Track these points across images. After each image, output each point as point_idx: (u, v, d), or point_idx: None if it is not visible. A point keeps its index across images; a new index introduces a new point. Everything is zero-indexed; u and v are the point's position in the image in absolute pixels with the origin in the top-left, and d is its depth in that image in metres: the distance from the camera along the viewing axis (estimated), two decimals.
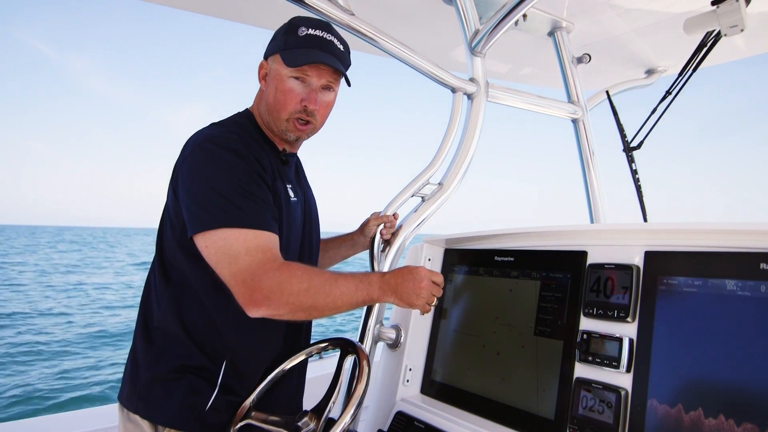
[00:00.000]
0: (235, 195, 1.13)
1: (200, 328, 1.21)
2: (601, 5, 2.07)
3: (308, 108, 1.29)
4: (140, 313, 1.29)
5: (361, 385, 1.12)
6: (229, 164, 1.16)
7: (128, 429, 1.21)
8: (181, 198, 1.18)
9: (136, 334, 1.28)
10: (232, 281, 1.10)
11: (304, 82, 1.28)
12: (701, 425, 0.96)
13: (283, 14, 1.44)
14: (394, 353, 1.63)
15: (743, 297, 0.97)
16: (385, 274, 1.26)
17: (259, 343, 1.26)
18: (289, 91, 1.27)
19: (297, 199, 1.36)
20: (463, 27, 1.87)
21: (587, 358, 1.17)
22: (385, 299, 1.24)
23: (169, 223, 1.25)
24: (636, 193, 2.45)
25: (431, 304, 1.29)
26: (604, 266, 1.21)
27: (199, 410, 1.17)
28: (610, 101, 2.56)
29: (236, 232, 1.10)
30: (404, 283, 1.24)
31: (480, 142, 1.82)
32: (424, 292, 1.25)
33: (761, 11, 2.02)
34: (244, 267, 1.09)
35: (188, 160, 1.19)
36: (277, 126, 1.31)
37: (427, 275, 1.27)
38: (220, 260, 1.11)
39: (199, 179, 1.15)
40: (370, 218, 1.67)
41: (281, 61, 1.27)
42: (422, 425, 1.40)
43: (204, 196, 1.13)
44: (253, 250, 1.10)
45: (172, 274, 1.24)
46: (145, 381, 1.20)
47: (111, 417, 2.07)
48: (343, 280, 1.18)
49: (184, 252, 1.21)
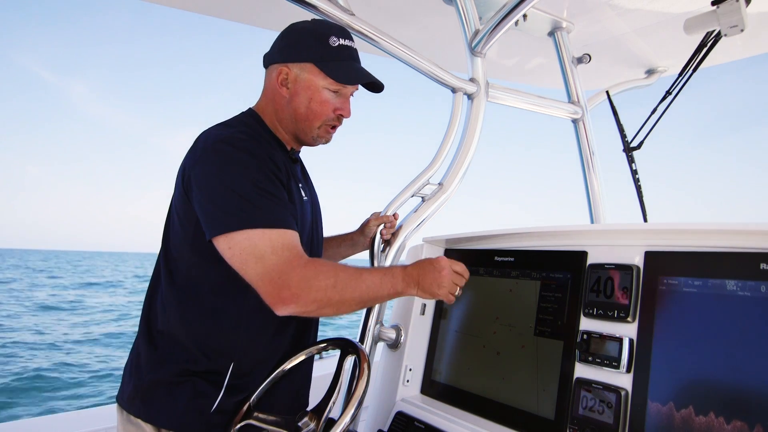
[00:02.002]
0: (253, 195, 1.12)
1: (207, 332, 1.20)
2: (601, 5, 2.07)
3: (343, 117, 1.33)
4: (143, 316, 1.28)
5: (361, 386, 1.12)
6: (244, 164, 1.15)
7: (129, 431, 1.20)
8: (196, 200, 1.17)
9: (139, 337, 1.26)
10: (259, 281, 1.10)
11: (338, 93, 1.30)
12: (701, 425, 0.96)
13: (283, 14, 1.45)
14: (394, 353, 1.63)
15: (743, 297, 0.97)
16: (407, 267, 1.26)
17: (267, 344, 1.26)
18: (326, 102, 1.29)
19: (307, 199, 1.36)
20: (463, 27, 1.87)
21: (587, 358, 1.17)
22: (409, 291, 1.25)
23: (179, 225, 1.24)
24: (636, 193, 2.45)
25: (454, 293, 1.30)
26: (604, 266, 1.21)
27: (204, 412, 1.17)
28: (610, 101, 2.56)
29: (260, 232, 1.10)
30: (425, 274, 1.25)
31: (480, 142, 1.82)
32: (445, 281, 1.27)
33: (761, 11, 2.02)
34: (271, 266, 1.09)
35: (202, 162, 1.18)
36: (307, 133, 1.32)
37: (448, 265, 1.28)
38: (246, 261, 1.10)
39: (216, 181, 1.14)
40: (371, 218, 1.66)
41: (318, 72, 1.27)
42: (422, 425, 1.40)
43: (223, 198, 1.12)
44: (279, 249, 1.10)
45: (177, 277, 1.23)
46: (149, 384, 1.19)
47: (109, 418, 2.07)
48: (368, 275, 1.19)
49: (194, 254, 1.20)
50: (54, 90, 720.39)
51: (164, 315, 1.22)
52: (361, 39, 1.60)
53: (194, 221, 1.18)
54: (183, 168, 1.23)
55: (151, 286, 1.30)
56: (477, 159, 1.83)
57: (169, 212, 1.29)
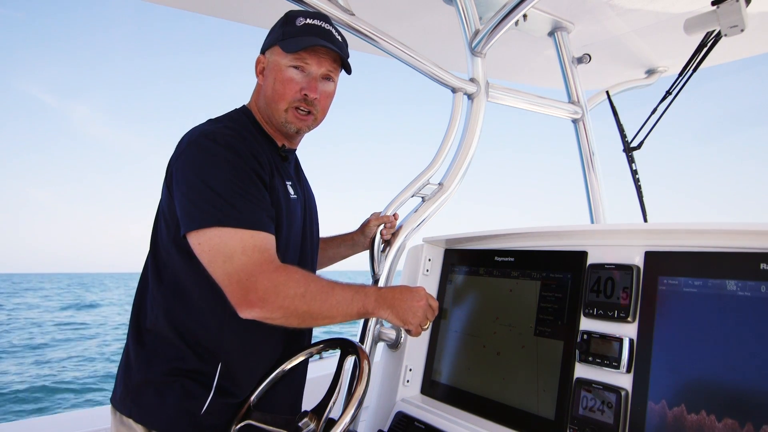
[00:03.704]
0: (230, 193, 1.10)
1: (193, 330, 1.19)
2: (601, 5, 2.07)
3: (308, 97, 1.27)
4: (132, 315, 1.27)
5: (361, 386, 1.12)
6: (225, 161, 1.13)
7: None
8: (175, 195, 1.16)
9: (129, 336, 1.26)
10: (226, 280, 1.08)
11: (304, 71, 1.27)
12: (701, 425, 0.96)
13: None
14: (394, 353, 1.63)
15: (743, 297, 0.97)
16: (382, 288, 1.25)
17: (255, 345, 1.25)
18: (289, 80, 1.26)
19: (297, 197, 1.34)
20: (463, 27, 1.87)
21: (587, 359, 1.17)
22: (380, 313, 1.22)
23: (164, 221, 1.23)
24: (636, 193, 2.45)
25: (424, 327, 1.28)
26: (604, 266, 1.21)
27: (194, 414, 1.16)
28: (610, 101, 2.57)
29: (232, 231, 1.08)
30: (402, 300, 1.23)
31: (480, 142, 1.82)
32: (420, 312, 1.24)
33: (761, 11, 2.02)
34: (239, 266, 1.07)
35: (183, 157, 1.17)
36: (277, 118, 1.29)
37: (426, 296, 1.27)
38: (213, 259, 1.08)
39: (194, 176, 1.13)
40: (371, 218, 1.66)
41: (280, 51, 1.26)
42: (422, 425, 1.40)
43: (199, 194, 1.11)
44: (249, 250, 1.08)
45: (165, 275, 1.22)
46: (138, 384, 1.18)
47: (104, 419, 2.07)
48: (340, 290, 1.16)
49: (179, 251, 1.19)
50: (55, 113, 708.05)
51: (152, 313, 1.21)
52: (361, 39, 1.60)
53: (178, 218, 1.17)
54: (168, 163, 1.23)
55: (140, 287, 1.29)
56: (476, 160, 1.83)
57: (158, 211, 1.28)
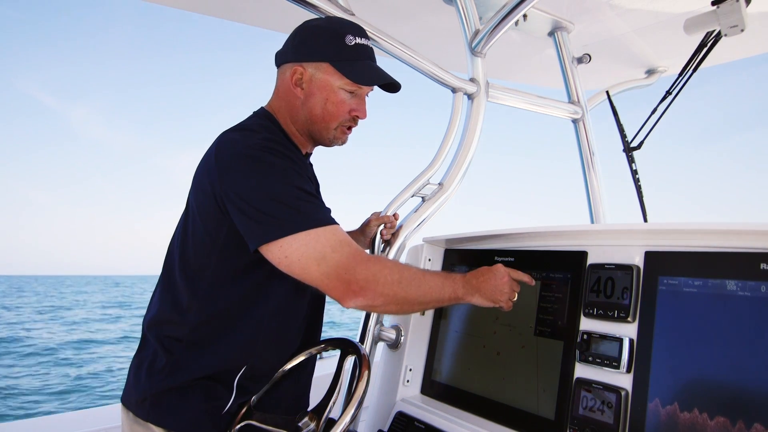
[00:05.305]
0: (295, 199, 1.11)
1: (227, 341, 1.18)
2: (601, 5, 2.07)
3: (359, 118, 1.31)
4: (154, 323, 1.24)
5: (361, 386, 1.12)
6: (280, 169, 1.13)
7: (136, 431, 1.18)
8: (235, 210, 1.13)
9: (152, 343, 1.23)
10: (325, 280, 1.09)
11: (353, 93, 1.28)
12: (701, 425, 0.96)
13: (283, 14, 1.44)
14: (394, 353, 1.63)
15: (743, 297, 0.97)
16: (466, 275, 1.26)
17: (278, 346, 1.26)
18: (342, 102, 1.26)
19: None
20: (463, 27, 1.87)
21: (587, 359, 1.17)
22: (469, 298, 1.24)
23: (204, 234, 1.19)
24: (636, 193, 2.46)
25: (513, 299, 1.30)
26: (604, 266, 1.21)
27: (216, 415, 1.16)
28: (610, 101, 2.57)
29: (313, 233, 1.09)
30: (486, 280, 1.26)
31: (480, 141, 1.82)
32: (507, 288, 1.27)
33: (761, 11, 2.02)
34: (335, 264, 1.09)
35: (234, 171, 1.14)
36: (324, 134, 1.30)
37: (506, 271, 1.29)
38: (307, 264, 1.09)
39: (256, 189, 1.11)
40: (371, 218, 1.66)
41: (334, 72, 1.24)
42: (422, 425, 1.40)
43: (268, 206, 1.10)
44: (337, 246, 1.10)
45: (200, 288, 1.19)
46: (162, 390, 1.17)
47: (111, 418, 2.06)
48: (430, 276, 1.20)
49: (222, 263, 1.18)
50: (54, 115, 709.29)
51: (182, 325, 1.19)
52: None
53: (225, 231, 1.15)
54: (207, 175, 1.18)
55: (162, 297, 1.26)
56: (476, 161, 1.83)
57: (186, 225, 1.24)
